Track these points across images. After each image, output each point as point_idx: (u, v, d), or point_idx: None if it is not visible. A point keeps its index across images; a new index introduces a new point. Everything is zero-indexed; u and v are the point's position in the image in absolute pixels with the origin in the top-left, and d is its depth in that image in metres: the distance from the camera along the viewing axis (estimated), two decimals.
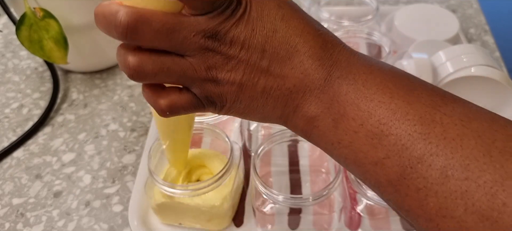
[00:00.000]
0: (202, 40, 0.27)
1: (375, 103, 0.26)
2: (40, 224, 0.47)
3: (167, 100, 0.29)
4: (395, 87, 0.27)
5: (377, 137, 0.26)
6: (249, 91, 0.29)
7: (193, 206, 0.42)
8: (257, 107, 0.30)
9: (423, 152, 0.24)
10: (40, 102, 0.61)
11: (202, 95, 0.29)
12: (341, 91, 0.27)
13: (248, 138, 0.50)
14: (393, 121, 0.26)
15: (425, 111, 0.25)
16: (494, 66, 0.48)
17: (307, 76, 0.28)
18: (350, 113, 0.27)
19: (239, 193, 0.46)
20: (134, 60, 0.28)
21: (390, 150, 0.25)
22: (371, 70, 0.28)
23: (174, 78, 0.28)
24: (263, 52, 0.28)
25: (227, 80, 0.28)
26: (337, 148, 0.28)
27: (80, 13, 0.57)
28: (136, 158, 0.53)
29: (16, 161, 0.54)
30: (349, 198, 0.43)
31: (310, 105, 0.28)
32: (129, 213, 0.45)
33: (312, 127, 0.29)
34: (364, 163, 0.27)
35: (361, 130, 0.26)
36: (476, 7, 0.73)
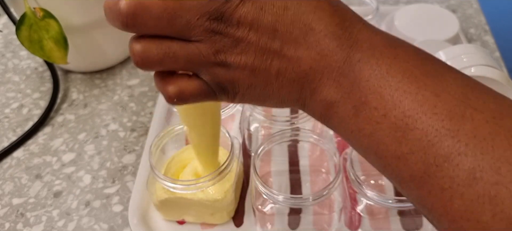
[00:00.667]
0: (207, 23, 0.25)
1: (400, 93, 0.24)
2: (40, 224, 0.47)
3: (175, 86, 0.28)
4: (422, 75, 0.24)
5: (401, 130, 0.24)
6: (262, 75, 0.27)
7: (196, 200, 0.42)
8: (272, 92, 0.28)
9: (450, 150, 0.22)
10: (40, 102, 0.61)
11: (213, 82, 0.28)
12: (362, 77, 0.25)
13: (248, 138, 0.50)
14: (419, 114, 0.23)
15: (455, 105, 0.23)
16: (494, 66, 0.48)
17: (324, 57, 0.26)
18: (373, 102, 0.25)
19: (240, 186, 0.47)
20: (139, 47, 0.27)
21: (414, 145, 0.24)
22: (395, 54, 0.25)
23: (181, 63, 0.27)
24: (274, 32, 0.26)
25: (238, 64, 0.26)
26: (357, 137, 0.26)
27: (80, 13, 0.57)
28: (136, 158, 0.53)
29: (16, 161, 0.54)
30: (349, 198, 0.43)
31: (328, 89, 0.26)
32: (129, 213, 0.45)
33: (331, 113, 0.27)
34: (386, 155, 0.25)
35: (384, 121, 0.24)
36: (476, 7, 0.73)
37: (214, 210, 0.43)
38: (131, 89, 0.62)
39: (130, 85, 0.63)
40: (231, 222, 0.45)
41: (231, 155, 0.42)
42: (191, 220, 0.45)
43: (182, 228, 0.45)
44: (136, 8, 0.25)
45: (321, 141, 0.45)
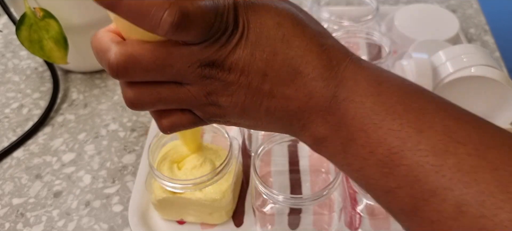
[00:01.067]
0: (199, 70, 0.26)
1: (384, 131, 0.25)
2: (40, 224, 0.47)
3: (168, 121, 0.29)
4: (405, 112, 0.25)
5: (388, 166, 0.25)
6: (253, 113, 0.28)
7: (194, 200, 0.42)
8: (262, 125, 0.29)
9: (436, 185, 0.23)
10: (40, 102, 0.61)
11: (205, 117, 0.29)
12: (348, 115, 0.26)
13: (248, 138, 0.50)
14: (404, 151, 0.24)
15: (438, 140, 0.24)
16: (494, 66, 0.48)
17: (312, 98, 0.27)
18: (359, 140, 0.26)
19: (239, 186, 0.47)
20: (131, 93, 0.28)
21: (402, 181, 0.24)
22: (379, 91, 0.26)
23: (174, 105, 0.28)
24: (264, 76, 0.27)
25: (229, 104, 0.28)
26: (347, 171, 0.27)
27: (80, 13, 0.57)
28: (136, 158, 0.53)
29: (16, 161, 0.54)
30: (349, 198, 0.43)
31: (317, 126, 0.27)
32: (129, 213, 0.45)
33: (321, 148, 0.28)
34: (375, 189, 0.26)
35: (371, 158, 0.25)
36: (476, 7, 0.73)
37: (213, 210, 0.43)
38: None
39: None
40: (231, 222, 0.45)
41: (230, 154, 0.42)
42: (189, 219, 0.45)
43: (182, 228, 0.45)
44: (126, 61, 0.26)
45: None
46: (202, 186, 0.41)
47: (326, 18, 0.60)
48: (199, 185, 0.41)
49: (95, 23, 0.59)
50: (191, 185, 0.41)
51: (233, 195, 0.44)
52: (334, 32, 0.58)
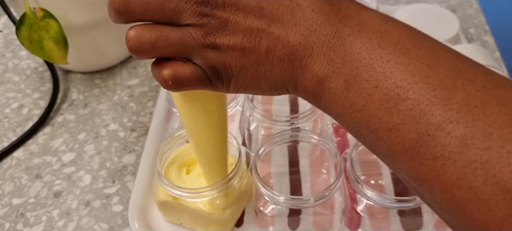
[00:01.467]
0: (195, 7, 0.27)
1: (391, 64, 0.24)
2: (40, 224, 0.47)
3: (170, 69, 0.28)
4: (413, 47, 0.25)
5: (392, 101, 0.24)
6: (252, 55, 0.27)
7: (194, 209, 0.41)
8: (265, 73, 0.28)
9: (442, 119, 0.23)
10: (40, 102, 0.61)
11: (206, 66, 0.28)
12: (353, 50, 0.25)
13: (248, 138, 0.50)
14: (411, 84, 0.24)
15: (446, 75, 0.23)
16: (494, 66, 0.48)
17: (313, 32, 0.26)
18: (364, 74, 0.25)
19: (244, 201, 0.45)
20: (132, 33, 0.28)
21: (406, 115, 0.24)
22: (386, 27, 0.25)
23: (174, 47, 0.28)
24: (260, 10, 0.27)
25: (227, 45, 0.27)
26: (349, 112, 0.26)
27: (80, 13, 0.57)
28: (136, 158, 0.53)
29: (16, 161, 0.54)
30: (349, 198, 0.43)
31: (320, 64, 0.26)
32: (129, 213, 0.45)
33: (323, 89, 0.27)
34: (378, 128, 0.25)
35: (376, 93, 0.25)
36: (476, 7, 0.73)
37: (211, 222, 0.42)
38: (131, 89, 0.62)
39: (130, 85, 0.63)
40: None
41: (237, 167, 0.41)
42: (187, 226, 0.45)
43: (182, 228, 0.45)
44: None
45: (321, 141, 0.45)
46: (202, 197, 0.40)
47: None
48: (200, 195, 0.40)
49: (95, 23, 0.59)
50: (191, 193, 0.40)
51: (233, 212, 0.43)
52: None
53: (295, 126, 0.46)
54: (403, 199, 0.39)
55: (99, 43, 0.62)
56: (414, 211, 0.42)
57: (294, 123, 0.46)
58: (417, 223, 0.43)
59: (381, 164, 0.49)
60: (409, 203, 0.39)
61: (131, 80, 0.64)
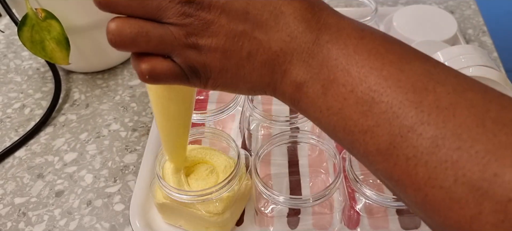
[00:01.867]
0: (179, 6, 0.26)
1: (366, 69, 0.25)
2: (42, 223, 0.48)
3: (148, 64, 0.28)
4: (387, 53, 0.26)
5: (367, 104, 0.25)
6: (234, 58, 0.28)
7: (192, 211, 0.41)
8: (244, 76, 0.28)
9: (414, 121, 0.24)
10: (42, 102, 0.62)
11: (185, 65, 0.28)
12: (330, 56, 0.26)
13: (248, 138, 0.51)
14: (384, 88, 0.25)
15: (418, 79, 0.25)
16: (492, 66, 0.48)
17: (294, 39, 0.27)
18: (340, 79, 0.26)
19: (243, 203, 0.46)
20: (113, 25, 0.28)
21: (380, 118, 0.25)
22: (362, 35, 0.27)
23: (153, 44, 0.27)
24: (245, 14, 0.27)
25: (209, 46, 0.27)
26: (326, 115, 0.27)
27: (81, 13, 0.57)
28: (137, 158, 0.53)
29: (18, 161, 0.54)
30: (348, 197, 0.43)
31: (299, 70, 0.27)
32: (131, 212, 0.46)
33: (301, 94, 0.28)
34: (353, 131, 0.26)
35: (351, 97, 0.26)
36: (474, 8, 0.74)
37: (210, 224, 0.42)
38: (133, 90, 0.63)
39: (132, 86, 0.63)
40: None
41: (236, 169, 0.41)
42: (187, 228, 0.45)
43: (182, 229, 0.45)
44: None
45: (320, 142, 0.45)
46: (200, 200, 0.40)
47: None
48: (199, 198, 0.40)
49: (96, 23, 0.59)
50: (189, 196, 0.40)
51: (232, 214, 0.43)
52: None
53: (294, 126, 0.47)
54: None
55: (101, 43, 0.62)
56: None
57: (294, 123, 0.47)
58: (415, 222, 0.43)
59: None
60: None
61: (132, 81, 0.64)
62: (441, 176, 0.23)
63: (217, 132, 0.46)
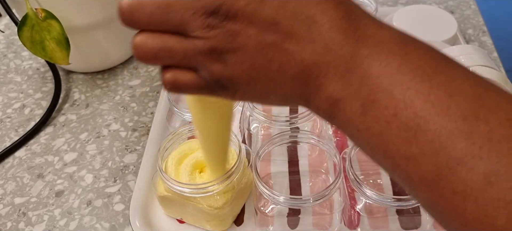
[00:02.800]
0: (203, 18, 0.25)
1: (411, 92, 0.23)
2: (42, 223, 0.48)
3: (171, 75, 0.27)
4: (434, 74, 0.23)
5: (412, 131, 0.23)
6: (262, 72, 0.26)
7: (194, 204, 0.42)
8: (274, 88, 0.26)
9: (464, 153, 0.22)
10: (42, 102, 0.62)
11: (210, 78, 0.27)
12: (371, 74, 0.24)
13: (248, 138, 0.51)
14: (432, 115, 0.22)
15: (468, 106, 0.22)
16: (492, 66, 0.48)
17: (329, 51, 0.24)
18: (382, 101, 0.23)
19: (244, 197, 0.46)
20: (137, 40, 0.27)
21: (426, 147, 0.22)
22: (406, 51, 0.24)
23: (177, 58, 0.27)
24: (274, 25, 0.25)
25: (236, 60, 0.25)
26: (365, 135, 0.25)
27: (82, 14, 0.57)
28: (137, 158, 0.53)
29: (18, 161, 0.54)
30: (348, 197, 0.43)
31: (335, 85, 0.25)
32: (131, 212, 0.46)
33: (337, 111, 0.25)
34: (395, 156, 0.24)
35: (394, 121, 0.23)
36: (474, 8, 0.74)
37: (210, 218, 0.43)
38: (133, 90, 0.63)
39: (132, 86, 0.63)
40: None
41: (237, 163, 0.41)
42: (188, 221, 0.45)
43: (183, 227, 0.45)
44: (131, 5, 0.26)
45: (320, 142, 0.45)
46: (201, 192, 0.41)
47: None
48: (200, 190, 0.40)
49: (97, 23, 0.59)
50: (190, 189, 0.41)
51: (234, 206, 0.43)
52: None
53: (294, 126, 0.47)
54: (401, 198, 0.39)
55: (101, 43, 0.62)
56: (412, 210, 0.42)
57: (294, 123, 0.47)
58: (416, 222, 0.43)
59: None
60: (407, 202, 0.39)
61: (132, 81, 0.64)
62: (493, 214, 0.21)
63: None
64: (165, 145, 0.44)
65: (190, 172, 0.42)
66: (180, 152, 0.44)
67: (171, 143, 0.45)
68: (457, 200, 0.22)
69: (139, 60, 0.28)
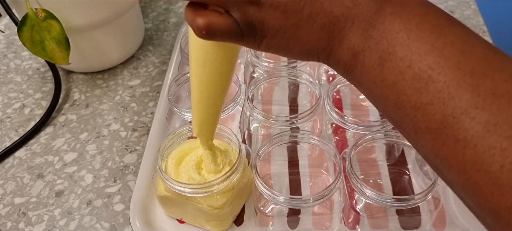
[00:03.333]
0: None
1: (427, 46, 0.25)
2: (42, 223, 0.48)
3: (205, 18, 0.28)
4: (450, 33, 0.26)
5: (423, 81, 0.25)
6: (293, 18, 0.28)
7: (193, 204, 0.42)
8: (301, 37, 0.28)
9: (469, 104, 0.24)
10: (42, 102, 0.62)
11: (243, 21, 0.28)
12: (392, 29, 0.26)
13: (248, 138, 0.51)
14: (443, 67, 0.25)
15: (477, 63, 0.24)
16: None
17: (357, 6, 0.27)
18: (399, 53, 0.26)
19: (244, 197, 0.46)
20: None
21: (435, 96, 0.25)
22: (425, 12, 0.27)
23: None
24: None
25: (270, 4, 0.27)
26: (379, 87, 0.27)
27: (81, 13, 0.57)
28: (137, 158, 0.53)
29: (18, 161, 0.54)
30: (348, 197, 0.43)
31: (357, 38, 0.27)
32: (130, 212, 0.46)
33: (356, 62, 0.28)
34: (406, 106, 0.26)
35: (408, 72, 0.26)
36: (474, 8, 0.74)
37: (210, 218, 0.43)
38: (133, 90, 0.63)
39: (132, 86, 0.63)
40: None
41: (237, 163, 0.41)
42: (188, 221, 0.45)
43: (183, 227, 0.45)
44: None
45: (320, 141, 0.45)
46: (201, 193, 0.41)
47: None
48: (199, 191, 0.41)
49: (97, 23, 0.59)
50: (190, 189, 0.41)
51: (234, 206, 0.43)
52: None
53: (294, 126, 0.47)
54: (401, 198, 0.39)
55: (101, 43, 0.62)
56: (412, 210, 0.42)
57: (294, 123, 0.47)
58: (415, 222, 0.43)
59: (379, 163, 0.49)
60: (407, 202, 0.39)
61: (132, 81, 0.64)
62: (488, 161, 0.23)
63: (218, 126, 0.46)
64: (165, 145, 0.44)
65: (190, 171, 0.42)
66: (180, 151, 0.44)
67: (171, 143, 0.45)
68: (458, 147, 0.24)
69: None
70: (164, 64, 0.66)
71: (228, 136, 0.45)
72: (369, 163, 0.49)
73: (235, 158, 0.43)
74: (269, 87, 0.56)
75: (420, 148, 0.27)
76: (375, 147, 0.49)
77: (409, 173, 0.48)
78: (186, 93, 0.56)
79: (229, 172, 0.41)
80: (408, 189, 0.47)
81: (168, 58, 0.67)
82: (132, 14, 0.64)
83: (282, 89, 0.56)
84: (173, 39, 0.71)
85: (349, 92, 0.56)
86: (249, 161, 0.45)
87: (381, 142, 0.46)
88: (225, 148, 0.44)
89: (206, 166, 0.42)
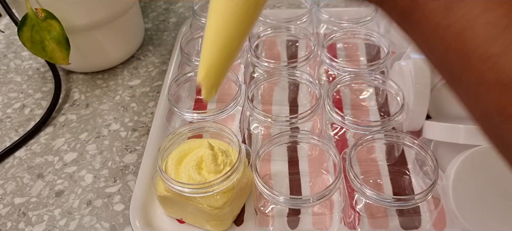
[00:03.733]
0: None
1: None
2: (42, 223, 0.48)
3: None
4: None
5: (500, 28, 0.22)
6: None
7: (193, 204, 0.42)
8: None
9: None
10: (42, 102, 0.62)
11: None
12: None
13: (248, 138, 0.51)
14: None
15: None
16: None
17: None
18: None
19: (244, 197, 0.46)
20: None
21: (509, 48, 0.22)
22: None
23: None
24: None
25: None
26: (441, 34, 0.24)
27: (82, 13, 0.57)
28: (137, 158, 0.53)
29: (18, 161, 0.54)
30: (348, 197, 0.43)
31: None
32: (131, 212, 0.46)
33: (418, 4, 0.25)
34: (472, 56, 0.23)
35: (482, 17, 0.23)
36: None
37: (210, 218, 0.43)
38: (133, 90, 0.63)
39: (132, 86, 0.63)
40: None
41: (237, 163, 0.41)
42: (188, 221, 0.45)
43: (183, 227, 0.45)
44: None
45: (320, 141, 0.45)
46: (201, 192, 0.41)
47: (326, 19, 0.61)
48: (199, 190, 0.41)
49: (97, 23, 0.59)
50: (190, 189, 0.41)
51: (234, 206, 0.43)
52: (333, 33, 0.58)
53: (294, 126, 0.47)
54: (401, 198, 0.39)
55: (101, 43, 0.62)
56: (412, 210, 0.42)
57: (294, 123, 0.47)
58: (415, 222, 0.43)
59: (379, 163, 0.49)
60: (407, 202, 0.39)
61: (132, 81, 0.64)
62: None
63: (218, 126, 0.46)
64: (165, 145, 0.44)
65: (190, 171, 0.42)
66: (180, 151, 0.44)
67: (171, 143, 0.45)
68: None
69: None
70: (164, 64, 0.66)
71: (228, 136, 0.45)
72: (369, 163, 0.49)
73: (235, 158, 0.43)
74: (269, 87, 0.56)
75: (481, 102, 0.24)
76: (375, 147, 0.49)
77: (409, 173, 0.48)
78: (186, 93, 0.57)
79: (229, 172, 0.41)
80: (408, 189, 0.47)
81: (168, 58, 0.67)
82: (132, 14, 0.64)
83: (282, 89, 0.57)
84: (173, 39, 0.71)
85: (349, 92, 0.56)
86: (249, 161, 0.45)
87: (381, 142, 0.46)
88: (225, 148, 0.44)
89: (207, 166, 0.42)
